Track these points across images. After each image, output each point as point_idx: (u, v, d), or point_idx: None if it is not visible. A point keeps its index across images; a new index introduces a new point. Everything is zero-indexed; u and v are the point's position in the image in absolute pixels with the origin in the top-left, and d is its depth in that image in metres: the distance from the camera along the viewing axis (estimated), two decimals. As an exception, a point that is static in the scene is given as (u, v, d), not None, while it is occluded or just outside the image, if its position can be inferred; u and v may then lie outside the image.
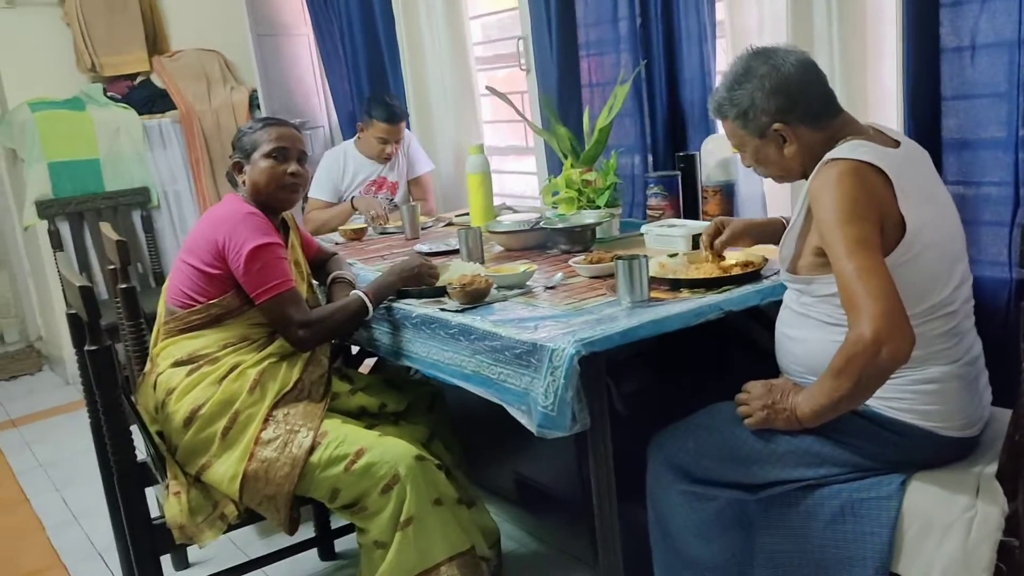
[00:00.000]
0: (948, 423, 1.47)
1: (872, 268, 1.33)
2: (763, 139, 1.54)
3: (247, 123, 2.08)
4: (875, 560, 1.42)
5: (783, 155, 1.54)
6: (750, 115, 1.52)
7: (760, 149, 1.56)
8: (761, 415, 1.52)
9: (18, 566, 2.59)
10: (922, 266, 1.43)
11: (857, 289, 1.32)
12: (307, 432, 1.82)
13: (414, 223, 2.78)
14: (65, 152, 3.97)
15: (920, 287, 1.43)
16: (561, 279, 1.96)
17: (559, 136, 2.59)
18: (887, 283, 1.32)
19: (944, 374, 1.46)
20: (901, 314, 1.31)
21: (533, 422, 1.56)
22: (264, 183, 1.96)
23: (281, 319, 1.87)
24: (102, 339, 1.72)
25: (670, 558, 1.65)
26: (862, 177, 1.40)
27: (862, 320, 1.30)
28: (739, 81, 1.53)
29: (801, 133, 1.51)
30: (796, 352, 1.57)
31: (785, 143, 1.53)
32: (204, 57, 4.42)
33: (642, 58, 2.58)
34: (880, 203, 1.40)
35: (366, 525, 1.83)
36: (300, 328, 1.86)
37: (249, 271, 1.85)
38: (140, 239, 4.13)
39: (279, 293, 1.85)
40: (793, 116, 1.50)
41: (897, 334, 1.29)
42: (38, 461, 3.37)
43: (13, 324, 5.15)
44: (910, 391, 1.46)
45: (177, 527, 1.79)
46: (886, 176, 1.41)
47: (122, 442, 1.78)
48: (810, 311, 1.53)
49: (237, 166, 2.00)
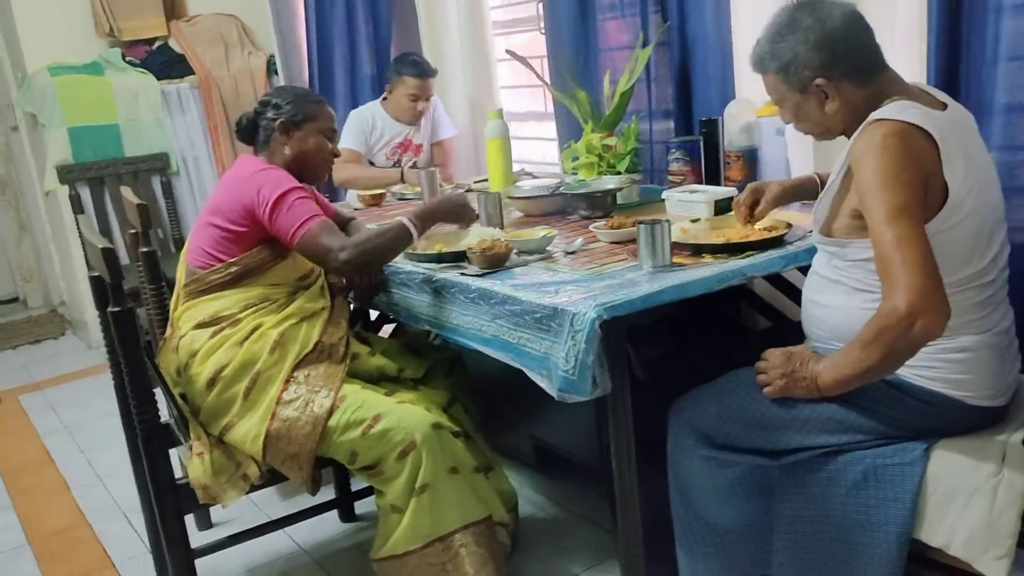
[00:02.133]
0: (977, 392, 1.45)
1: (912, 237, 1.30)
2: (804, 94, 1.49)
3: (297, 89, 2.09)
4: (897, 526, 1.41)
5: (824, 112, 1.49)
6: (791, 69, 1.47)
7: (800, 105, 1.51)
8: (780, 383, 1.50)
9: (45, 525, 2.64)
10: (962, 234, 1.40)
11: (895, 258, 1.29)
12: (327, 393, 1.83)
13: (433, 188, 2.77)
14: (85, 117, 3.97)
15: (959, 256, 1.40)
16: (581, 244, 1.95)
17: (579, 101, 2.56)
18: (926, 254, 1.29)
19: (976, 343, 1.44)
20: (938, 287, 1.28)
21: (554, 386, 1.56)
22: (313, 155, 2.02)
23: (319, 249, 1.83)
24: (124, 301, 1.74)
25: (690, 523, 1.65)
26: (908, 140, 1.36)
27: (897, 291, 1.28)
28: (782, 33, 1.47)
29: (844, 89, 1.46)
30: (823, 318, 1.55)
31: (827, 99, 1.47)
32: (222, 21, 4.40)
33: (664, 20, 2.53)
34: (924, 168, 1.36)
35: (384, 488, 1.84)
36: (341, 251, 1.80)
37: (278, 216, 1.85)
38: (160, 204, 4.15)
39: (311, 227, 1.83)
40: (837, 72, 1.45)
41: (933, 308, 1.27)
42: (63, 423, 3.42)
43: (36, 289, 5.20)
44: (940, 360, 1.43)
45: (201, 487, 1.82)
46: (933, 140, 1.37)
47: (146, 403, 1.80)
48: (841, 276, 1.50)
49: (284, 126, 1.99)
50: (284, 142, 1.99)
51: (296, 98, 2.02)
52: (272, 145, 2.01)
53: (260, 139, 2.03)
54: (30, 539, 2.56)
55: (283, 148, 2.00)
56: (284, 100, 2.01)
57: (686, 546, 1.67)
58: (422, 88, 3.25)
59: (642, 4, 2.58)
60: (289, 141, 1.99)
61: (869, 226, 1.36)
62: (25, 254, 5.18)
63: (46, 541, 2.54)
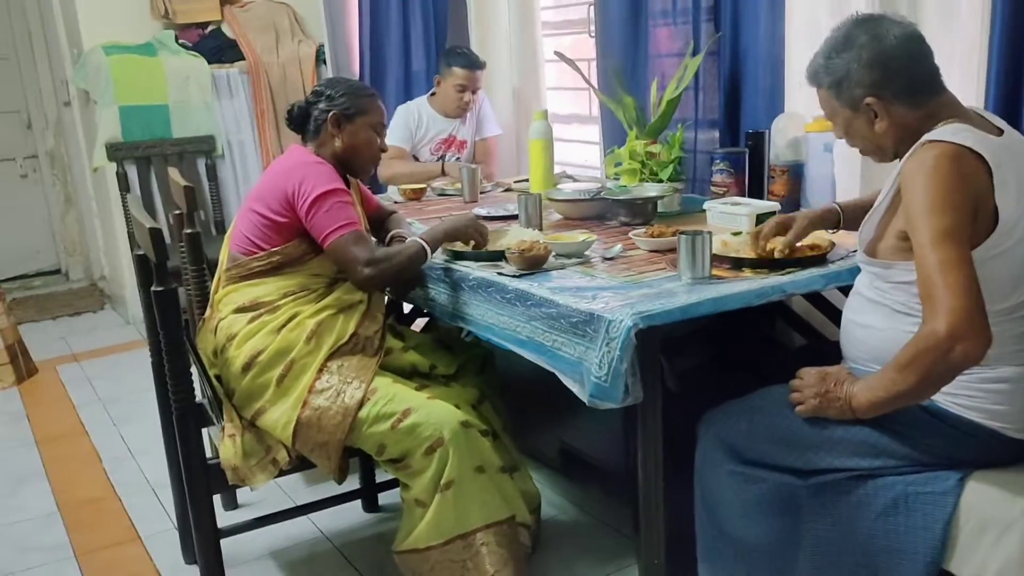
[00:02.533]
0: (1014, 425, 1.43)
1: (957, 262, 1.28)
2: (855, 112, 1.49)
3: (350, 82, 2.11)
4: (927, 555, 1.39)
5: (873, 131, 1.49)
6: (844, 85, 1.47)
7: (851, 122, 1.51)
8: (814, 403, 1.49)
9: (75, 494, 2.69)
10: (1009, 262, 1.38)
11: (937, 282, 1.28)
12: (359, 384, 1.85)
13: (473, 186, 2.78)
14: (136, 97, 4.04)
15: (1004, 284, 1.38)
16: (620, 251, 1.95)
17: (625, 106, 2.55)
18: (971, 279, 1.28)
19: (1016, 375, 1.42)
20: (980, 313, 1.26)
21: (585, 392, 1.56)
22: (363, 150, 2.05)
23: (347, 259, 1.87)
24: (169, 281, 1.77)
25: (714, 537, 1.64)
26: (960, 163, 1.35)
27: (938, 315, 1.26)
28: (837, 49, 1.47)
29: (895, 110, 1.46)
30: (863, 340, 1.53)
31: (876, 118, 1.47)
32: (274, 9, 4.45)
33: (716, 29, 2.51)
34: (975, 192, 1.34)
35: (409, 482, 1.85)
36: (366, 266, 1.85)
37: (316, 215, 1.87)
38: (204, 187, 4.20)
39: (344, 234, 1.87)
40: (888, 91, 1.45)
41: (973, 334, 1.25)
42: (98, 396, 3.49)
43: (78, 262, 5.32)
44: (978, 389, 1.42)
45: (231, 468, 1.84)
46: (986, 164, 1.36)
47: (182, 382, 1.83)
48: (883, 298, 1.48)
49: (336, 119, 2.00)
50: (335, 134, 2.01)
51: (349, 91, 2.04)
52: (322, 136, 2.02)
53: (311, 129, 2.04)
54: (60, 507, 2.61)
55: (333, 140, 2.01)
56: (337, 92, 2.02)
57: (709, 560, 1.66)
58: (470, 79, 3.26)
59: (695, 12, 2.56)
60: (340, 134, 2.01)
61: (914, 247, 1.34)
62: (69, 227, 5.30)
63: (76, 510, 2.59)
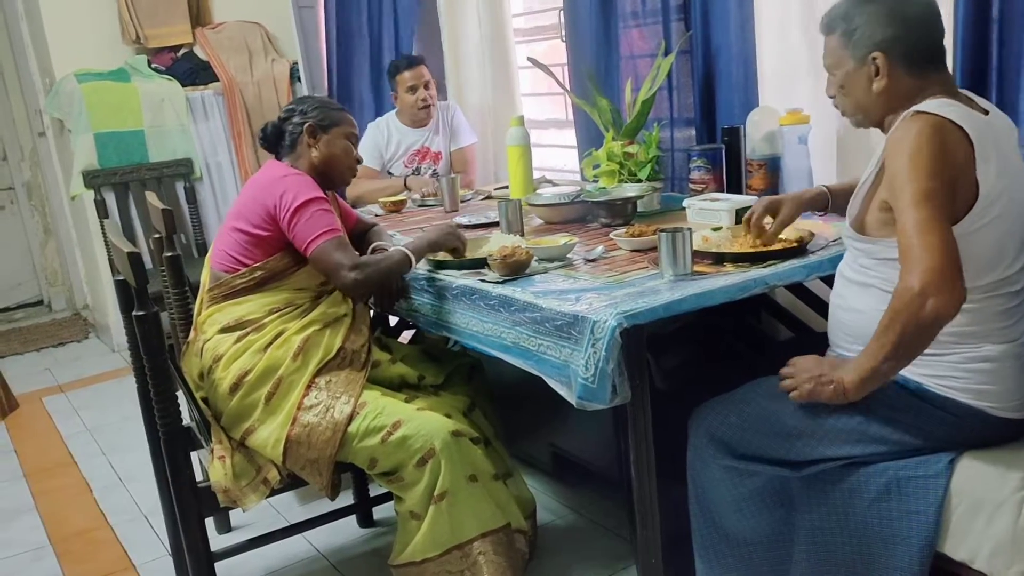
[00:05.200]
0: (1001, 403, 1.44)
1: (933, 222, 1.31)
2: (858, 65, 1.51)
3: (320, 97, 2.15)
4: (920, 539, 1.39)
5: (870, 89, 1.51)
6: (857, 34, 1.49)
7: (851, 74, 1.52)
8: (808, 387, 1.49)
9: (67, 526, 2.66)
10: (991, 237, 1.40)
11: (915, 241, 1.31)
12: (348, 400, 1.84)
13: (453, 195, 2.78)
14: (111, 123, 4.02)
15: (986, 258, 1.40)
16: (602, 252, 1.95)
17: (600, 108, 2.56)
18: (947, 239, 1.30)
19: (1000, 353, 1.43)
20: (954, 270, 1.29)
21: (573, 394, 1.55)
22: (340, 159, 2.05)
23: (332, 264, 1.87)
24: (149, 305, 1.75)
25: (709, 533, 1.64)
26: (943, 134, 1.38)
27: (913, 271, 1.29)
28: (864, 1, 1.49)
29: (896, 72, 1.48)
30: (850, 324, 1.54)
31: (877, 76, 1.49)
32: (246, 29, 4.44)
33: (686, 28, 2.53)
34: (956, 163, 1.37)
35: (403, 495, 1.85)
36: (351, 270, 1.84)
37: (297, 223, 1.87)
38: (183, 210, 4.19)
39: (327, 240, 1.86)
40: (897, 51, 1.47)
41: (946, 289, 1.27)
42: (85, 426, 3.45)
43: (61, 292, 5.27)
44: (964, 369, 1.43)
45: (222, 490, 1.83)
46: (968, 138, 1.39)
47: (168, 406, 1.82)
48: (869, 277, 1.50)
49: (311, 129, 2.01)
50: (311, 145, 2.02)
51: (321, 104, 2.07)
52: (299, 149, 2.03)
53: (286, 144, 2.05)
54: (52, 540, 2.58)
55: (310, 152, 2.02)
56: (310, 107, 2.05)
57: (705, 557, 1.66)
58: (415, 76, 3.30)
59: (664, 12, 2.57)
60: (316, 144, 2.02)
61: (896, 213, 1.37)
62: (50, 258, 5.26)
63: (68, 542, 2.56)
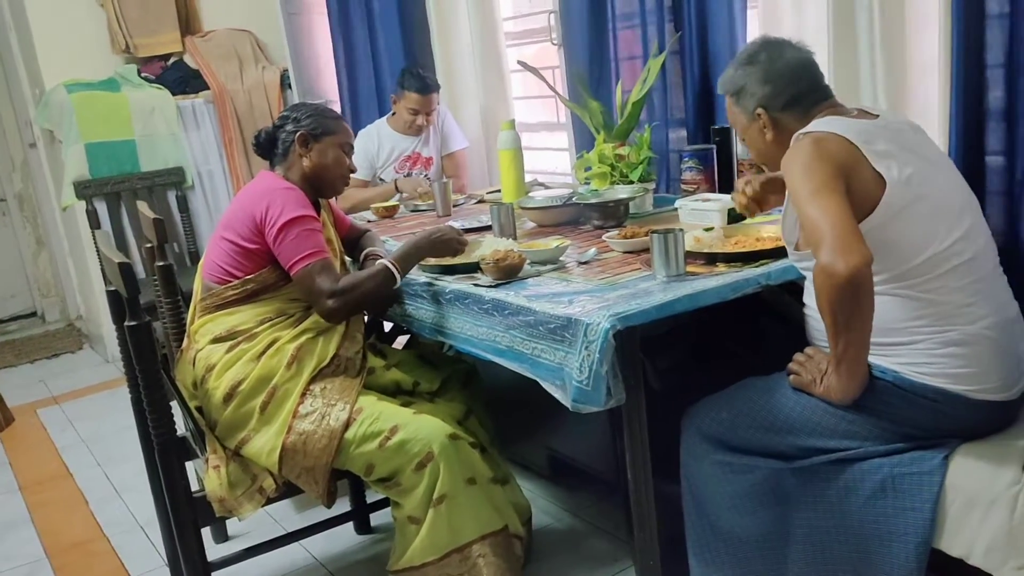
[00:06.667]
0: (982, 385, 1.45)
1: (827, 206, 1.38)
2: (750, 121, 1.67)
3: (315, 104, 2.11)
4: (916, 536, 1.40)
5: (765, 140, 1.66)
6: (742, 95, 1.67)
7: (747, 129, 1.70)
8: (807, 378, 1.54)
9: (63, 538, 2.65)
10: (914, 218, 1.46)
11: (815, 227, 1.38)
12: (343, 406, 1.83)
13: (446, 200, 2.78)
14: (101, 133, 4.01)
15: (916, 239, 1.46)
16: (595, 254, 1.95)
17: (592, 111, 2.56)
18: (841, 214, 1.37)
19: (970, 335, 1.45)
20: (849, 232, 1.35)
21: (568, 397, 1.56)
22: (332, 168, 2.04)
23: (312, 290, 1.86)
24: (141, 315, 1.75)
25: (704, 531, 1.64)
26: (821, 143, 1.48)
27: (820, 248, 1.36)
28: (742, 63, 1.67)
29: (781, 121, 1.63)
30: (815, 325, 1.57)
31: (765, 128, 1.65)
32: (236, 37, 4.44)
33: (676, 29, 2.54)
34: (843, 163, 1.45)
35: (401, 500, 1.84)
36: (329, 298, 1.83)
37: (283, 242, 1.86)
38: (175, 219, 4.18)
39: (311, 263, 1.85)
40: (776, 105, 1.63)
41: (846, 248, 1.33)
42: (80, 437, 3.44)
43: (54, 303, 5.26)
44: (937, 355, 1.45)
45: (217, 500, 1.82)
46: (850, 140, 1.48)
47: (162, 416, 1.81)
48: None
49: (303, 138, 2.00)
50: (303, 154, 2.01)
51: (315, 112, 2.04)
52: (291, 158, 2.02)
53: (279, 152, 2.04)
54: (48, 552, 2.57)
55: (301, 160, 2.01)
56: (303, 114, 2.03)
57: (700, 555, 1.66)
58: (422, 103, 3.26)
59: (659, 13, 2.57)
60: (308, 153, 2.01)
61: (799, 217, 1.46)
62: (43, 269, 5.24)
63: (64, 554, 2.55)
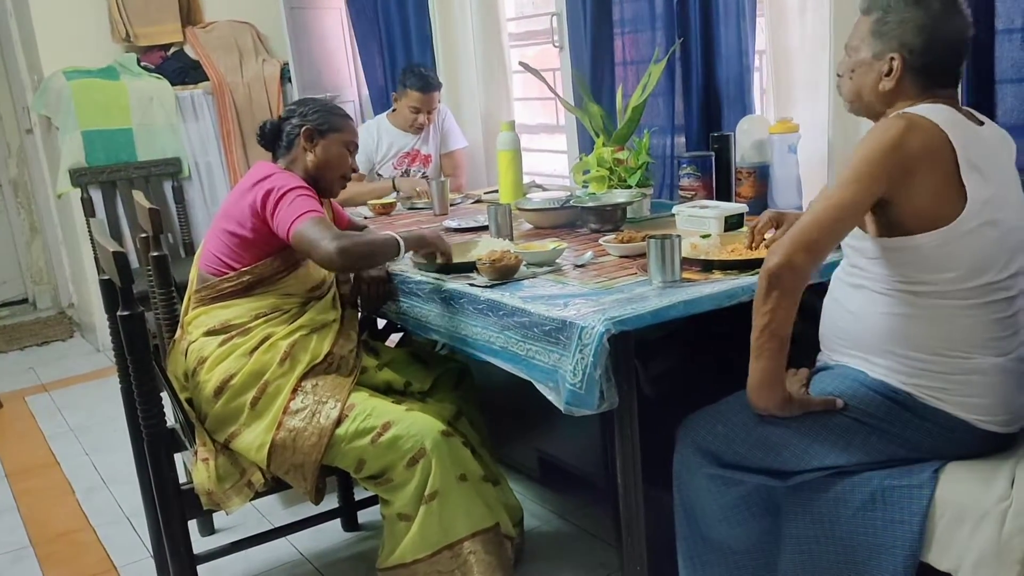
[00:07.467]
0: (990, 417, 1.45)
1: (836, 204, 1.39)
2: (875, 58, 1.50)
3: (323, 100, 2.10)
4: (904, 549, 1.40)
5: (876, 84, 1.51)
6: (886, 28, 1.48)
7: (864, 63, 1.52)
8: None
9: (49, 527, 2.64)
10: (982, 241, 1.42)
11: (811, 211, 1.43)
12: (335, 404, 1.83)
13: (443, 199, 2.78)
14: (99, 121, 3.99)
15: (978, 260, 1.42)
16: (591, 258, 1.95)
17: (591, 114, 2.56)
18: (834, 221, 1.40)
19: (992, 367, 1.44)
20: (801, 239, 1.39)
21: (561, 399, 1.55)
22: (334, 167, 2.03)
23: (313, 238, 1.76)
24: (135, 305, 1.74)
25: (695, 542, 1.64)
26: (912, 134, 1.38)
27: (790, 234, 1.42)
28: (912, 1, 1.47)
29: (906, 79, 1.48)
30: (843, 326, 1.55)
31: (887, 75, 1.49)
32: (237, 29, 4.43)
33: (678, 36, 2.54)
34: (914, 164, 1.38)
35: (391, 497, 1.84)
36: (334, 239, 1.74)
37: (279, 209, 1.82)
38: (171, 209, 4.16)
39: (308, 220, 1.79)
40: (915, 61, 1.47)
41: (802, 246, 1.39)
42: (68, 426, 3.43)
43: (46, 290, 5.24)
44: (954, 380, 1.44)
45: (205, 493, 1.81)
46: (950, 142, 1.39)
47: (152, 408, 1.80)
48: (860, 277, 1.50)
49: (309, 133, 1.99)
50: (307, 149, 2.00)
51: (322, 108, 2.03)
52: (294, 152, 2.01)
53: (283, 145, 2.03)
54: (33, 541, 2.55)
55: (305, 155, 2.00)
56: (310, 109, 2.02)
57: (690, 566, 1.66)
58: (424, 102, 3.26)
59: (666, 19, 2.58)
60: (313, 148, 2.00)
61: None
62: (35, 256, 5.22)
63: (49, 544, 2.54)
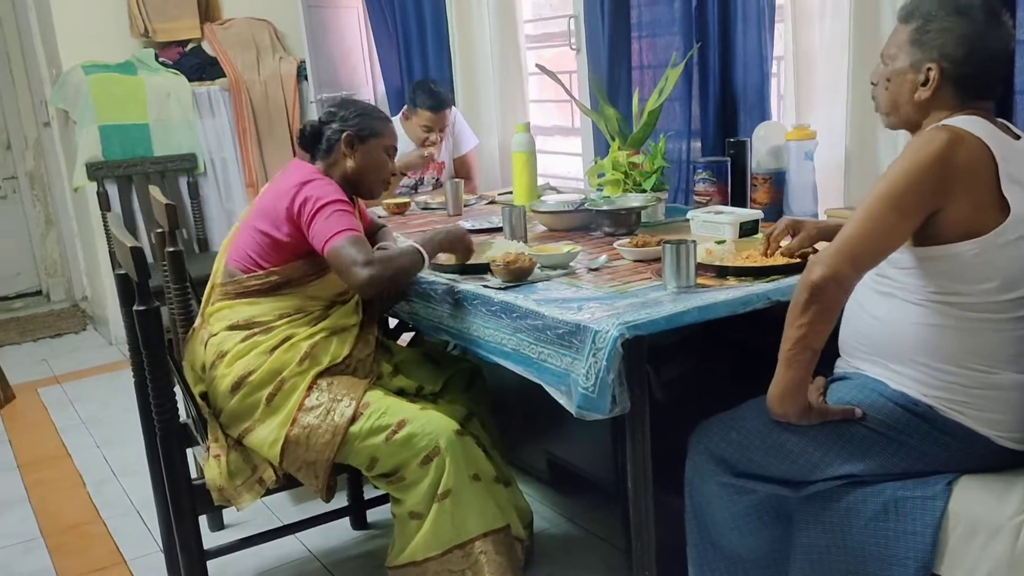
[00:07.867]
0: (1008, 433, 1.44)
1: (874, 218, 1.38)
2: (912, 67, 1.47)
3: (363, 103, 2.09)
4: (916, 560, 1.39)
5: (912, 95, 1.48)
6: (926, 37, 1.45)
7: (901, 72, 1.49)
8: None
9: (59, 519, 2.65)
10: (1018, 253, 1.40)
11: (849, 224, 1.40)
12: (349, 401, 1.83)
13: (457, 200, 2.78)
14: (116, 115, 4.02)
15: (1014, 273, 1.41)
16: (605, 261, 1.95)
17: (607, 117, 2.56)
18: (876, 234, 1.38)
19: (1013, 383, 1.43)
20: (846, 252, 1.38)
21: (573, 403, 1.55)
22: (374, 172, 2.03)
23: (346, 260, 1.78)
24: (151, 299, 1.75)
25: (705, 549, 1.64)
26: (956, 147, 1.37)
27: (831, 246, 1.41)
28: (951, 9, 1.44)
29: (944, 90, 1.46)
30: (866, 331, 1.53)
31: (924, 85, 1.46)
32: (254, 26, 4.45)
33: (696, 40, 2.53)
34: (958, 177, 1.37)
35: (403, 495, 1.84)
36: (365, 266, 1.76)
37: (316, 223, 1.83)
38: (186, 205, 4.18)
39: (344, 238, 1.80)
40: (954, 72, 1.44)
41: (830, 264, 1.37)
42: (80, 418, 3.45)
43: (60, 283, 5.27)
44: (975, 394, 1.43)
45: (216, 489, 1.82)
46: (991, 153, 1.38)
47: (166, 402, 1.81)
48: (890, 286, 1.48)
49: (350, 140, 1.98)
50: (347, 155, 1.99)
51: (363, 112, 2.03)
52: (333, 156, 2.00)
53: (322, 148, 2.01)
54: (44, 533, 2.57)
55: (345, 161, 2.00)
56: (351, 113, 2.01)
57: (700, 572, 1.65)
58: (436, 121, 3.23)
59: (684, 23, 2.57)
60: (353, 154, 1.99)
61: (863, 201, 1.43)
62: (50, 248, 5.25)
63: (59, 535, 2.55)
